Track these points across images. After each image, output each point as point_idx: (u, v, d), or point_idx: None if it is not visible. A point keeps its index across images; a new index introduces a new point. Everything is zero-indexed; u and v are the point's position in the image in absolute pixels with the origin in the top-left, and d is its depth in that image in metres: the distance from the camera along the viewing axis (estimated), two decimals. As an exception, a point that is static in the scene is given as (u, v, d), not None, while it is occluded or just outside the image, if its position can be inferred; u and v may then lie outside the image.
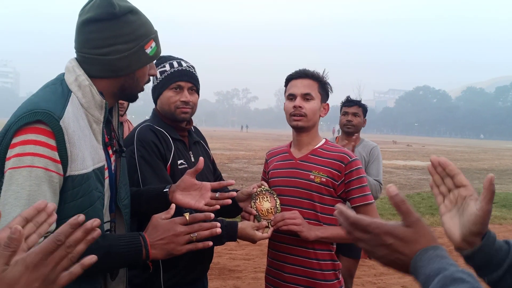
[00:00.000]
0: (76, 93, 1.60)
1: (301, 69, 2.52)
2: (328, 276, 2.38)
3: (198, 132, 2.70)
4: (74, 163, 1.49)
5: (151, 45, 1.71)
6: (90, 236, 0.98)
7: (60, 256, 0.93)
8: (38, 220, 1.04)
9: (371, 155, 4.26)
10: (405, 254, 0.93)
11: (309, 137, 2.51)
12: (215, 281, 5.47)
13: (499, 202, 11.79)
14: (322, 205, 2.39)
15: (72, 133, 1.49)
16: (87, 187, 1.53)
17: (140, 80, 1.74)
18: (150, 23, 1.74)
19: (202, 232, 1.73)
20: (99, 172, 1.61)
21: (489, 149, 48.89)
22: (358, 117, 4.37)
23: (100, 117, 1.65)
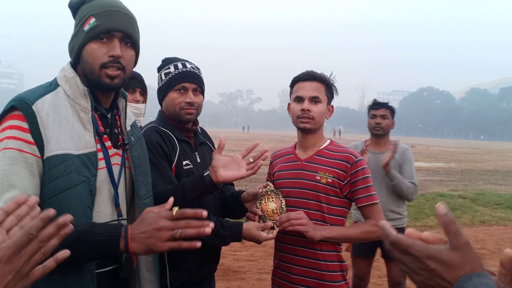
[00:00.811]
0: (64, 86, 1.70)
1: (309, 71, 2.51)
2: (336, 277, 2.38)
3: (205, 133, 2.70)
4: (49, 144, 1.56)
5: (90, 22, 1.69)
6: (63, 231, 0.99)
7: (32, 250, 0.94)
8: (19, 213, 1.06)
9: (404, 157, 4.22)
10: (447, 281, 0.84)
11: (315, 138, 2.51)
12: (219, 282, 5.47)
13: (503, 203, 11.75)
14: (328, 206, 2.39)
15: (46, 116, 1.58)
16: (63, 168, 1.57)
17: (89, 61, 1.70)
18: (99, 4, 1.72)
19: (187, 230, 1.52)
20: (85, 158, 1.64)
21: (493, 150, 48.74)
22: (387, 119, 4.31)
23: (86, 105, 1.71)
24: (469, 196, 12.82)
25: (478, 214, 10.09)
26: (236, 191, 2.57)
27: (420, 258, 0.86)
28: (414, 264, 0.88)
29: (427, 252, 0.86)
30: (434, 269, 0.85)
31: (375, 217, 2.40)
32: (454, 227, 0.85)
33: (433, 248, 0.86)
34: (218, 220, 2.26)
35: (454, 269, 0.84)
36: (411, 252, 0.88)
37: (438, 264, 0.85)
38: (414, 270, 0.88)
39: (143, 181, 1.89)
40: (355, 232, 2.40)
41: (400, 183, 4.04)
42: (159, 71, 2.46)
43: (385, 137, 4.37)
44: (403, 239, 0.90)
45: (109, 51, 1.69)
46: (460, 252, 0.85)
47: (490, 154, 39.58)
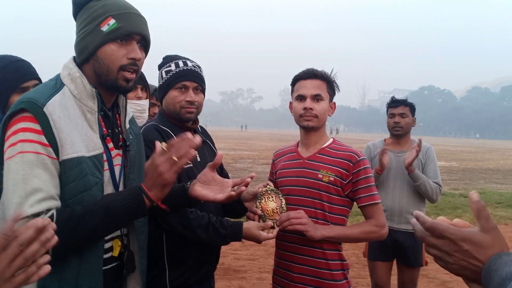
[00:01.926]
0: (69, 85, 1.67)
1: (310, 69, 2.50)
2: (337, 276, 2.37)
3: (205, 131, 2.69)
4: (63, 148, 1.54)
5: (109, 23, 1.66)
6: (44, 237, 0.97)
7: (13, 253, 0.94)
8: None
9: (427, 156, 4.02)
10: (480, 260, 0.94)
11: (317, 136, 2.50)
12: (220, 281, 5.46)
13: (504, 202, 11.75)
14: (330, 205, 2.38)
15: (58, 118, 1.55)
16: (79, 171, 1.56)
17: (107, 63, 1.67)
18: (116, 4, 1.71)
19: (179, 150, 1.62)
20: (96, 159, 1.64)
21: (494, 149, 48.68)
22: (406, 117, 4.05)
23: (93, 106, 1.69)
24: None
25: (479, 213, 10.06)
26: None
27: (455, 241, 0.96)
28: (448, 246, 0.97)
29: (461, 235, 0.96)
30: (467, 250, 0.95)
31: (376, 217, 2.39)
32: (485, 213, 0.95)
33: (466, 231, 0.96)
34: (218, 219, 2.26)
35: (485, 249, 0.94)
36: (447, 236, 0.97)
37: (471, 245, 0.95)
38: (448, 253, 0.98)
39: (134, 180, 1.85)
40: (355, 232, 2.39)
41: (425, 184, 3.84)
42: (160, 68, 2.44)
43: (406, 136, 4.12)
44: (439, 224, 0.99)
45: (129, 53, 1.68)
46: (490, 234, 0.95)
47: (491, 153, 39.54)
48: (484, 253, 0.94)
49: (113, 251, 1.76)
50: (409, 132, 4.13)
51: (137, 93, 3.15)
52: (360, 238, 2.44)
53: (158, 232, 2.28)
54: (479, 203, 0.96)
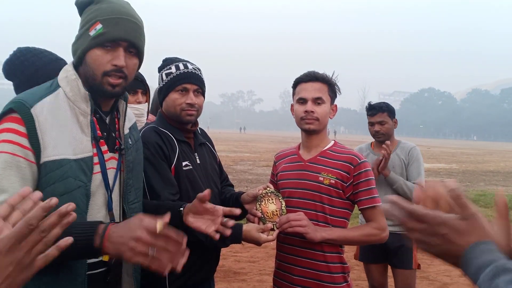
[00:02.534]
0: (65, 87, 1.69)
1: (311, 72, 2.50)
2: (337, 279, 2.37)
3: (204, 134, 2.69)
4: (46, 150, 1.55)
5: (96, 27, 1.66)
6: (66, 220, 0.97)
7: (34, 240, 0.93)
8: (25, 208, 1.03)
9: (410, 156, 4.01)
10: (458, 245, 0.95)
11: (319, 139, 2.50)
12: (220, 283, 5.46)
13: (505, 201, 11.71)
14: (331, 207, 2.38)
15: (44, 120, 1.56)
16: (60, 173, 1.56)
17: (92, 67, 1.67)
18: (108, 9, 1.69)
19: (162, 253, 1.41)
20: (83, 162, 1.63)
21: (494, 151, 48.68)
22: (386, 123, 4.05)
23: (86, 109, 1.69)
24: (471, 197, 12.79)
25: (479, 215, 10.06)
26: (236, 192, 2.56)
27: (434, 225, 0.98)
28: (428, 231, 0.99)
29: (439, 219, 0.98)
30: (445, 234, 0.97)
31: (376, 220, 2.38)
32: (462, 200, 0.98)
33: (444, 216, 0.99)
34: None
35: (463, 235, 0.96)
36: (426, 220, 0.99)
37: (449, 229, 0.97)
38: (428, 236, 0.99)
39: (133, 186, 1.86)
40: (355, 234, 2.39)
41: (402, 186, 3.83)
42: (160, 71, 2.44)
43: (389, 139, 4.10)
44: (418, 208, 1.01)
45: (113, 59, 1.67)
46: (468, 221, 0.97)
47: (491, 155, 39.53)
48: (462, 239, 0.95)
49: (102, 256, 1.71)
50: (391, 136, 4.14)
51: (137, 98, 3.15)
52: (360, 241, 2.44)
53: None
54: (456, 191, 0.99)
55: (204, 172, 2.44)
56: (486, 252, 0.91)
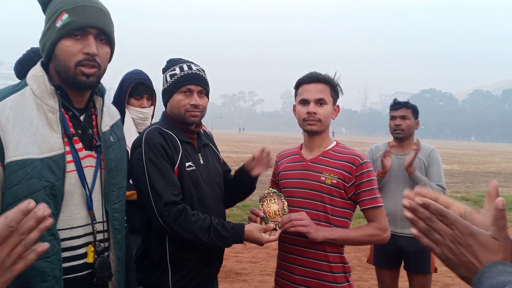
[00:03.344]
0: (32, 85, 1.65)
1: (313, 73, 2.50)
2: (339, 279, 2.37)
3: (207, 134, 2.71)
4: (7, 150, 1.51)
5: (62, 18, 1.61)
6: (43, 225, 1.00)
7: (14, 242, 0.96)
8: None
9: (431, 158, 3.88)
10: (479, 261, 0.93)
11: (321, 140, 2.51)
12: (221, 284, 5.45)
13: (506, 205, 11.61)
14: (332, 207, 2.38)
15: (5, 120, 1.52)
16: (22, 174, 1.50)
17: (63, 59, 1.63)
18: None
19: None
20: (50, 161, 1.57)
21: (496, 152, 48.59)
22: (408, 119, 3.94)
23: (54, 105, 1.64)
24: (472, 198, 12.80)
25: (480, 216, 10.05)
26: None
27: (463, 233, 0.95)
28: (454, 237, 0.96)
29: (471, 229, 0.95)
30: (471, 245, 0.94)
31: (378, 221, 2.38)
32: (503, 222, 0.96)
33: (476, 228, 0.96)
34: (220, 221, 2.26)
35: (488, 252, 0.93)
36: (457, 226, 0.96)
37: (476, 242, 0.94)
38: (451, 243, 0.96)
39: (116, 185, 1.82)
40: (357, 234, 2.39)
41: (426, 186, 3.71)
42: (164, 72, 2.44)
43: (408, 138, 3.99)
44: (450, 212, 0.98)
45: (84, 48, 1.63)
46: (499, 242, 0.94)
47: (492, 156, 39.47)
48: (486, 255, 0.93)
49: (87, 257, 1.70)
50: (411, 135, 4.03)
51: (142, 102, 3.18)
52: (362, 241, 2.44)
53: (160, 234, 2.29)
54: (501, 212, 0.96)
55: (207, 173, 2.45)
56: (502, 273, 0.88)
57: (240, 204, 9.75)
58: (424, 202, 0.99)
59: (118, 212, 1.83)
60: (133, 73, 3.23)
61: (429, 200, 0.99)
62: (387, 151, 3.79)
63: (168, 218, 2.16)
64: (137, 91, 3.17)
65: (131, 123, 3.18)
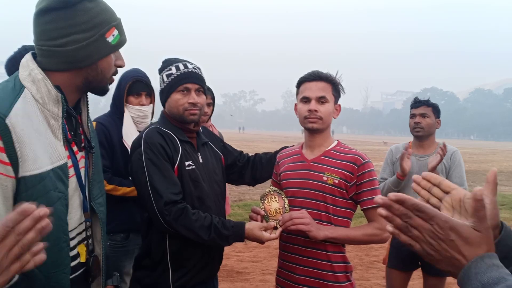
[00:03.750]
0: (30, 88, 1.51)
1: (315, 71, 2.49)
2: (341, 278, 2.36)
3: (207, 132, 2.71)
4: (25, 163, 1.40)
5: (113, 33, 1.60)
6: (39, 225, 0.99)
7: (10, 243, 0.95)
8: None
9: (452, 161, 3.76)
10: (463, 255, 0.91)
11: (322, 138, 2.49)
12: (223, 283, 5.46)
13: (508, 204, 11.71)
14: (334, 207, 2.37)
15: (21, 131, 1.40)
16: (42, 188, 1.44)
17: (105, 72, 1.64)
18: (112, 11, 1.63)
19: None
20: (59, 170, 1.52)
21: (497, 151, 48.55)
22: (428, 117, 3.84)
23: (57, 112, 1.55)
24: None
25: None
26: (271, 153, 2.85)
27: (443, 228, 0.92)
28: (434, 233, 0.93)
29: (451, 223, 0.92)
30: (453, 240, 0.91)
31: (379, 221, 2.36)
32: (483, 213, 0.93)
33: (456, 221, 0.93)
34: (221, 220, 2.26)
35: (471, 246, 0.91)
36: (436, 221, 0.93)
37: (458, 237, 0.91)
38: (433, 239, 0.93)
39: (96, 180, 1.79)
40: (357, 234, 2.37)
41: None
42: (161, 72, 2.45)
43: (428, 138, 3.90)
44: (428, 207, 0.94)
45: (117, 60, 1.69)
46: (481, 233, 0.92)
47: (494, 155, 39.42)
48: (469, 249, 0.91)
49: (80, 257, 1.68)
50: (432, 134, 3.92)
51: (141, 100, 3.18)
52: (362, 241, 2.42)
53: (161, 233, 2.29)
54: (480, 202, 0.94)
55: (206, 171, 2.46)
56: (491, 268, 0.86)
57: (242, 203, 9.78)
58: (399, 198, 0.95)
59: (102, 206, 1.82)
60: (130, 71, 3.23)
61: (404, 196, 0.95)
62: (404, 153, 3.67)
63: (168, 217, 2.17)
64: (135, 88, 3.18)
65: (131, 121, 3.17)
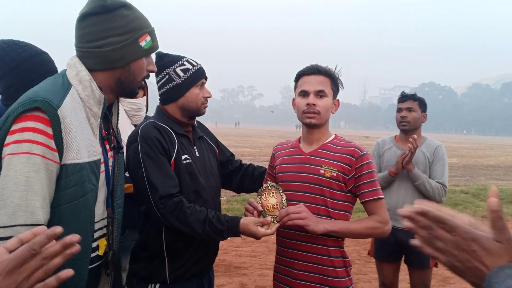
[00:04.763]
0: (77, 87, 1.67)
1: (313, 65, 2.46)
2: (340, 273, 2.34)
3: (202, 126, 2.72)
4: (68, 152, 1.55)
5: (146, 39, 1.77)
6: (69, 251, 0.98)
7: (35, 266, 0.93)
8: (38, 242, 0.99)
9: (436, 155, 3.84)
10: (485, 265, 0.91)
11: (320, 133, 2.46)
12: (221, 278, 5.47)
13: (506, 198, 11.74)
14: (333, 200, 2.34)
15: (69, 122, 1.56)
16: (79, 177, 1.58)
17: (136, 74, 1.79)
18: (146, 19, 1.81)
19: None
20: (94, 165, 1.67)
21: (495, 146, 48.65)
22: (414, 111, 3.91)
23: (98, 111, 1.71)
24: (471, 191, 12.81)
25: (480, 209, 10.06)
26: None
27: (465, 239, 0.93)
28: (456, 244, 0.95)
29: (473, 234, 0.93)
30: (475, 250, 0.92)
31: (379, 213, 2.35)
32: (501, 223, 0.92)
33: (478, 233, 0.94)
34: (216, 214, 2.26)
35: (493, 257, 0.91)
36: (459, 232, 0.94)
37: (479, 247, 0.92)
38: (455, 250, 0.95)
39: (119, 181, 1.93)
40: (358, 227, 2.34)
41: (425, 183, 3.71)
42: (169, 67, 2.41)
43: (414, 132, 3.94)
44: (450, 219, 0.96)
45: (149, 65, 1.85)
46: (502, 244, 0.92)
47: (492, 149, 39.51)
48: (491, 259, 0.91)
49: (98, 250, 1.77)
50: (418, 128, 3.99)
51: None
52: (363, 234, 2.40)
53: (157, 225, 2.32)
54: (497, 213, 0.93)
55: (202, 165, 2.46)
56: (511, 278, 0.85)
57: (239, 198, 9.77)
58: (422, 210, 0.98)
59: (120, 207, 1.94)
60: None
61: (427, 208, 0.98)
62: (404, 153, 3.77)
63: (164, 210, 2.18)
64: None
65: (124, 115, 3.15)
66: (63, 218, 1.55)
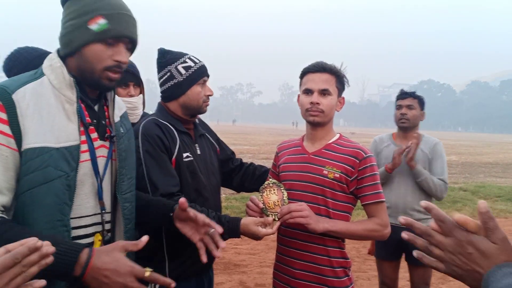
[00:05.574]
0: (49, 75, 1.66)
1: (319, 62, 2.43)
2: (339, 273, 2.33)
3: (203, 124, 2.71)
4: (26, 136, 1.52)
5: (98, 21, 1.62)
6: (44, 261, 1.09)
7: (14, 273, 1.04)
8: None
9: (434, 152, 3.86)
10: (482, 267, 0.93)
11: (324, 132, 2.44)
12: (220, 276, 5.47)
13: (504, 196, 11.76)
14: (334, 201, 2.33)
15: (25, 106, 1.54)
16: (40, 162, 1.52)
17: (91, 61, 1.66)
18: (108, 2, 1.67)
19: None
20: (66, 151, 1.59)
21: (493, 143, 48.69)
22: (413, 109, 3.90)
23: (72, 96, 1.65)
24: (470, 188, 12.83)
25: (478, 207, 10.09)
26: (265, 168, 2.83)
27: (461, 241, 0.96)
28: (453, 247, 0.98)
29: (469, 237, 0.96)
30: (471, 253, 0.95)
31: (379, 216, 2.33)
32: (493, 223, 0.94)
33: (474, 236, 0.96)
34: (217, 215, 2.25)
35: (489, 258, 0.93)
36: (454, 234, 0.97)
37: (475, 250, 0.94)
38: (452, 254, 0.98)
39: (126, 175, 1.85)
40: (358, 228, 2.32)
41: (427, 180, 3.71)
42: (170, 64, 2.41)
43: (412, 130, 3.94)
44: (450, 220, 0.99)
45: (115, 55, 1.67)
46: (497, 245, 0.94)
47: (490, 147, 39.54)
48: (487, 261, 0.93)
49: (93, 245, 1.71)
50: (416, 126, 3.98)
51: (129, 91, 3.10)
52: (362, 235, 2.37)
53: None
54: (487, 214, 0.95)
55: (204, 163, 2.45)
56: (507, 276, 0.87)
57: (239, 196, 9.76)
58: (427, 206, 1.01)
59: (128, 202, 1.86)
60: None
61: (430, 204, 1.01)
62: (401, 149, 3.77)
63: None
64: (122, 79, 3.12)
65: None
66: (25, 205, 1.52)
